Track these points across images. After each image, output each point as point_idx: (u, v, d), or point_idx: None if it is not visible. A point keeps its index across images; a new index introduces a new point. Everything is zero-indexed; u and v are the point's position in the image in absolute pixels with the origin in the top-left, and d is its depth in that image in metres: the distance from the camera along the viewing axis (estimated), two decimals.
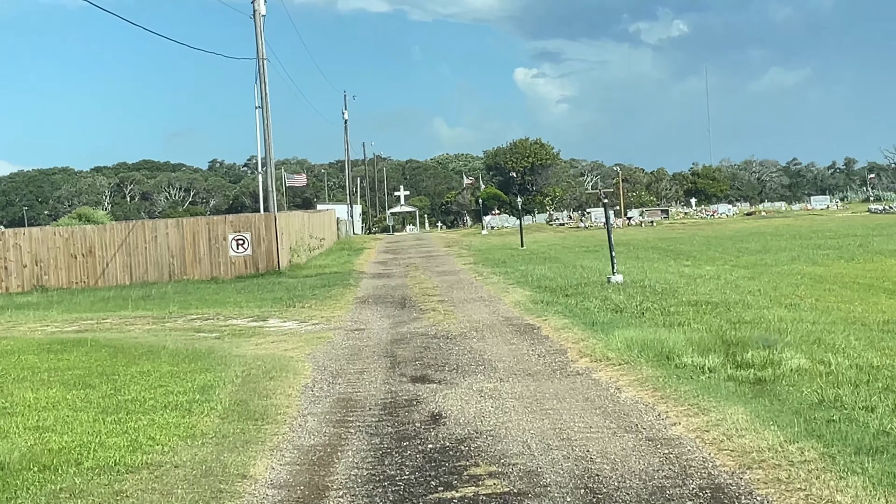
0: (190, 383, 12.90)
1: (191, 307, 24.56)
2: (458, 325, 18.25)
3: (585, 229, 68.73)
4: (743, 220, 71.24)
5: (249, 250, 35.46)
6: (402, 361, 14.33)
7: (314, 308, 22.90)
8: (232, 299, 26.09)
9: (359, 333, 18.01)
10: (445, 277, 30.45)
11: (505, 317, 19.01)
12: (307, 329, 19.19)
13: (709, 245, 40.87)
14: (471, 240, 62.18)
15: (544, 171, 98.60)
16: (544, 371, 12.68)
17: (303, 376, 13.46)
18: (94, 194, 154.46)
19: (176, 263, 35.39)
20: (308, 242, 44.38)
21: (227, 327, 20.14)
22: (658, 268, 28.51)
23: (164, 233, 35.53)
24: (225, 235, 35.49)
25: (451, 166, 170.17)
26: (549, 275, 27.68)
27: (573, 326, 16.35)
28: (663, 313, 17.22)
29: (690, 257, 33.41)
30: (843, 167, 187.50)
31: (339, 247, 57.48)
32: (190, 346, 17.24)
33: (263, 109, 41.10)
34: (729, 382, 10.70)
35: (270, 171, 41.22)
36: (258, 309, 23.29)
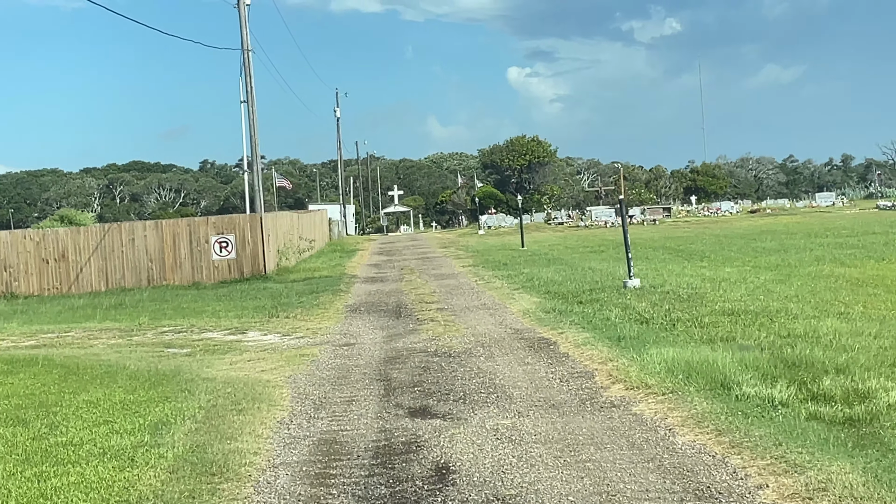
0: (142, 418, 10.65)
1: (164, 317, 22.29)
2: (461, 338, 16.01)
3: (586, 228, 66.53)
4: (748, 217, 69.04)
5: (233, 253, 33.19)
6: (398, 387, 12.08)
7: (300, 318, 20.64)
8: (210, 308, 23.83)
9: (348, 350, 15.77)
10: (444, 282, 28.20)
11: (514, 329, 16.76)
12: (290, 344, 16.93)
13: (721, 244, 38.66)
14: (468, 240, 59.93)
15: (542, 168, 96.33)
16: (571, 402, 10.44)
17: (279, 408, 11.21)
18: (83, 196, 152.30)
19: (155, 268, 33.10)
20: (297, 244, 42.13)
21: (201, 342, 17.88)
22: (674, 270, 26.28)
23: (142, 235, 33.24)
24: (207, 238, 33.20)
25: (446, 165, 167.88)
26: (556, 278, 25.44)
27: (596, 342, 14.11)
28: (698, 325, 14.99)
29: (705, 258, 31.19)
30: (841, 164, 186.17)
31: (330, 248, 55.19)
32: (154, 365, 15.00)
33: (249, 104, 38.84)
34: (813, 423, 8.46)
35: (257, 169, 38.95)
36: (238, 319, 21.03)
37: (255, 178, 38.77)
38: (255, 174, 38.86)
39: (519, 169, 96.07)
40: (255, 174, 38.84)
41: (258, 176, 38.86)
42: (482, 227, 71.37)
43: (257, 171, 38.93)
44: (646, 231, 57.84)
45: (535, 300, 20.92)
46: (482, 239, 60.47)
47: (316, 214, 59.66)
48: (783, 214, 70.46)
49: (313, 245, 47.13)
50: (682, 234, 50.08)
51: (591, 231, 62.61)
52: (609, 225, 66.50)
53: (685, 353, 11.87)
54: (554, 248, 42.81)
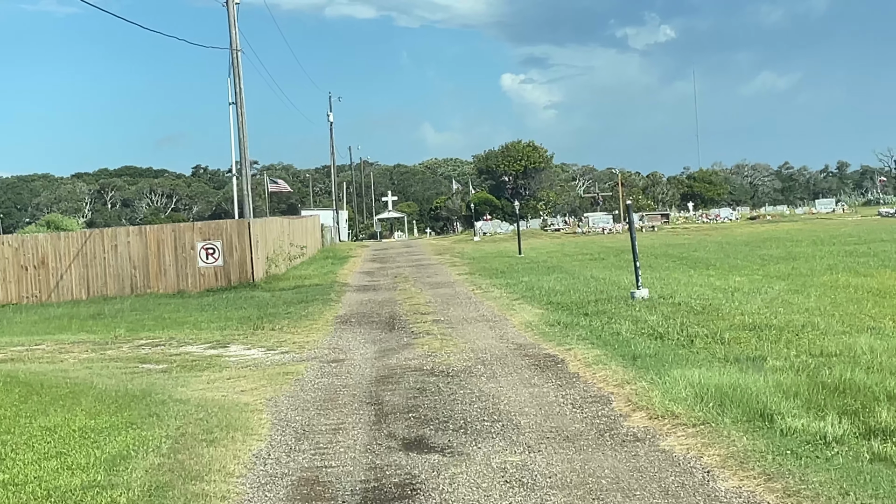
0: (100, 450, 9.37)
1: (143, 329, 20.98)
2: (459, 355, 14.74)
3: (583, 235, 65.30)
4: (748, 224, 67.82)
5: (220, 260, 31.89)
6: (391, 412, 10.81)
7: (286, 330, 19.35)
8: (193, 318, 22.53)
9: (336, 367, 14.48)
10: (439, 291, 26.92)
11: (517, 344, 15.49)
12: (274, 360, 15.64)
13: (725, 252, 37.43)
14: (463, 247, 58.64)
15: (537, 174, 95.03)
16: (587, 433, 9.16)
17: (256, 437, 9.94)
18: (74, 201, 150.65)
19: (138, 275, 31.78)
20: (288, 251, 40.82)
21: (179, 357, 16.58)
22: (680, 279, 25.03)
23: (126, 241, 31.92)
24: (193, 244, 31.89)
25: (440, 171, 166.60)
26: (558, 288, 24.17)
27: (608, 360, 12.83)
28: (719, 341, 13.72)
29: (710, 266, 29.94)
30: (836, 171, 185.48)
31: (322, 255, 53.86)
32: (125, 384, 13.72)
33: (237, 105, 37.56)
34: (880, 466, 7.20)
35: (246, 172, 37.67)
36: (220, 332, 19.72)
37: (244, 183, 37.48)
38: (243, 178, 37.58)
39: (514, 175, 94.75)
40: (244, 178, 37.56)
41: (247, 180, 37.58)
42: (477, 234, 70.12)
43: (246, 174, 37.65)
44: (645, 238, 56.56)
45: (538, 312, 19.65)
46: (478, 246, 59.21)
47: (308, 220, 58.36)
48: (783, 221, 69.27)
49: (304, 252, 45.85)
50: (682, 242, 48.86)
51: (589, 238, 61.36)
52: (607, 231, 65.28)
53: (712, 376, 10.60)
54: (552, 256, 41.55)
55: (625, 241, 55.98)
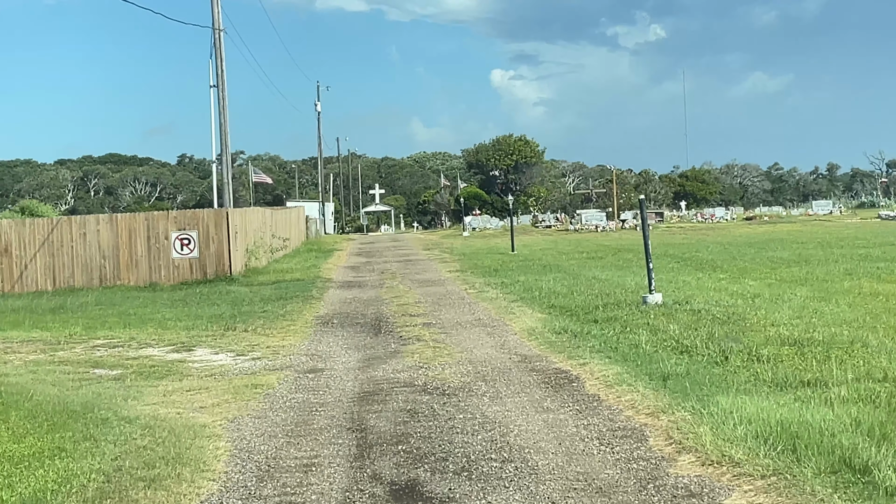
0: (12, 490, 7.46)
1: (103, 327, 19.00)
2: (456, 367, 12.82)
3: (576, 232, 63.44)
4: (746, 225, 66.02)
5: (196, 252, 29.90)
6: (377, 443, 8.89)
7: (261, 332, 17.39)
8: (160, 315, 20.55)
9: (314, 379, 12.55)
10: (429, 289, 24.99)
11: (521, 355, 13.57)
12: (243, 367, 13.70)
13: (729, 253, 35.58)
14: (452, 242, 56.69)
15: (529, 169, 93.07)
16: (625, 483, 7.25)
17: (208, 475, 8.01)
18: (57, 188, 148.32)
19: (108, 266, 29.77)
20: (270, 243, 38.83)
21: (136, 361, 14.64)
22: (689, 282, 23.16)
23: (95, 230, 29.89)
24: (167, 234, 29.89)
25: (429, 165, 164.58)
26: (559, 289, 22.27)
27: (633, 380, 10.92)
28: (755, 359, 11.82)
29: (717, 268, 28.09)
30: (826, 172, 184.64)
31: (306, 248, 51.85)
32: (68, 394, 11.80)
33: (219, 88, 35.57)
34: None
35: (226, 159, 35.67)
36: (188, 332, 17.75)
37: (225, 170, 35.49)
38: (224, 165, 35.58)
39: (505, 169, 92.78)
40: (225, 165, 35.57)
41: (228, 167, 35.59)
42: (467, 229, 68.19)
43: (227, 161, 35.66)
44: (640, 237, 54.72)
45: (540, 316, 17.74)
46: (467, 241, 57.26)
47: (292, 211, 56.34)
48: (781, 222, 67.53)
49: (287, 244, 43.83)
50: (681, 241, 47.00)
51: (583, 235, 59.48)
52: (601, 229, 63.41)
53: (769, 407, 8.70)
54: (546, 253, 39.65)
55: (619, 239, 54.23)
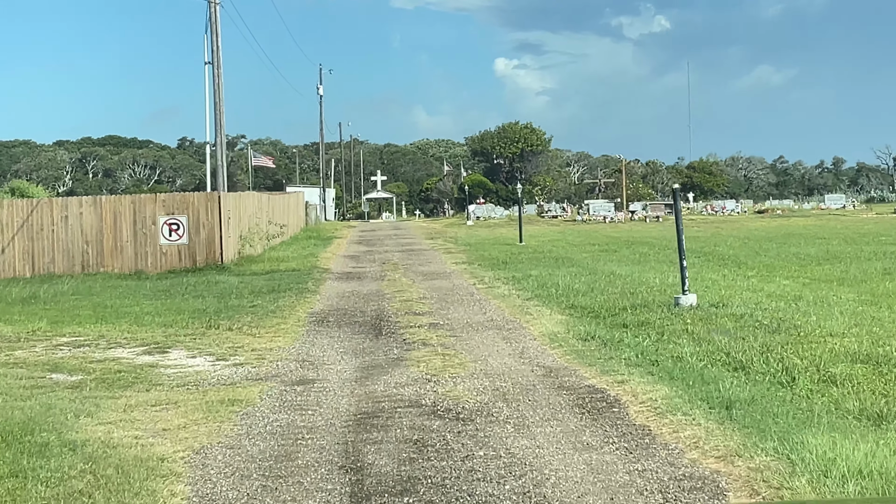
0: None
1: (73, 321, 17.07)
2: (470, 381, 10.92)
3: (583, 223, 61.51)
4: (759, 218, 64.02)
5: (185, 238, 27.98)
6: (376, 492, 7.00)
7: (247, 331, 15.47)
8: (138, 308, 18.64)
9: (303, 393, 10.66)
10: (435, 283, 23.09)
11: (545, 367, 11.66)
12: (222, 376, 11.80)
13: (750, 248, 33.68)
14: (456, 231, 54.75)
15: (535, 157, 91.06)
16: None
17: None
18: (55, 169, 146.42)
19: (91, 252, 27.86)
20: (266, 230, 36.92)
21: (102, 365, 12.74)
22: (718, 281, 21.23)
23: (77, 213, 27.97)
24: (155, 218, 27.97)
25: (432, 152, 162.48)
26: (577, 286, 20.35)
27: (688, 406, 9.00)
28: (828, 380, 9.92)
29: (742, 265, 26.18)
30: (832, 166, 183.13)
31: (305, 235, 49.91)
32: (12, 407, 9.95)
33: (214, 65, 33.63)
34: None
35: (221, 139, 33.74)
36: (166, 329, 15.83)
37: (219, 151, 33.56)
38: (218, 146, 33.65)
39: (510, 157, 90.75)
40: (219, 146, 33.63)
41: (222, 148, 33.67)
42: (471, 218, 66.25)
43: (221, 142, 33.73)
44: (653, 229, 52.85)
45: (560, 318, 15.84)
46: (472, 230, 55.32)
47: (291, 197, 54.40)
48: (794, 216, 65.56)
49: (285, 231, 41.86)
50: (696, 234, 45.00)
51: (591, 226, 57.52)
52: (609, 220, 61.49)
53: (880, 454, 6.80)
54: (556, 245, 37.72)
55: (630, 231, 52.30)
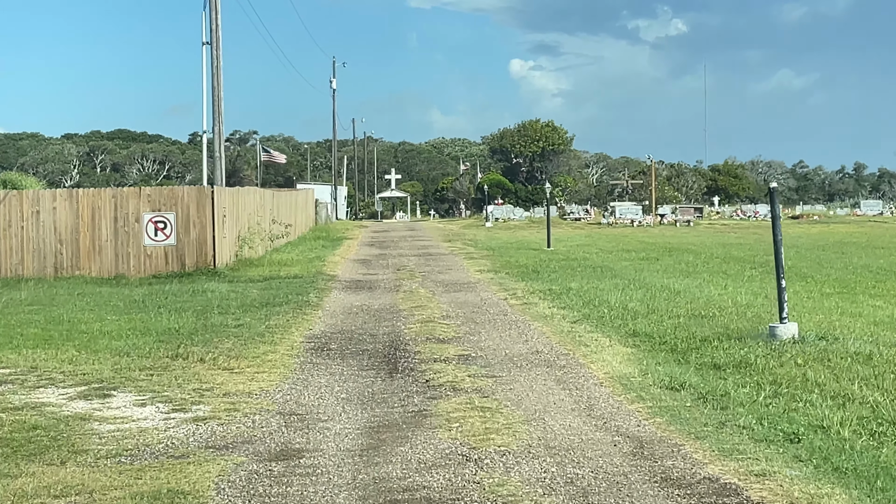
0: None
1: (8, 344, 13.57)
2: (527, 465, 7.44)
3: (609, 226, 57.89)
4: (795, 224, 60.21)
5: (173, 238, 24.55)
6: None
7: (223, 363, 11.97)
8: (98, 326, 15.16)
9: (281, 478, 7.22)
10: (459, 296, 19.61)
11: (633, 438, 8.15)
12: (173, 441, 8.35)
13: (808, 259, 30.12)
14: (474, 233, 51.19)
15: (556, 157, 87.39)
16: None
17: None
18: (62, 163, 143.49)
19: (66, 252, 24.46)
20: (269, 229, 33.48)
21: (16, 416, 9.38)
22: (803, 302, 17.66)
23: (51, 208, 24.57)
24: (138, 215, 24.55)
25: (447, 151, 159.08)
26: (632, 305, 16.85)
27: None
28: None
29: (810, 279, 22.66)
30: (853, 172, 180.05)
31: (314, 235, 46.41)
32: None
33: (212, 46, 30.24)
34: None
35: (219, 129, 30.32)
36: (119, 359, 12.33)
37: (217, 141, 30.14)
38: (216, 135, 30.23)
39: (531, 156, 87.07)
40: (217, 135, 30.21)
41: (220, 138, 30.25)
42: (489, 219, 62.72)
43: (219, 132, 30.31)
44: (687, 234, 49.22)
45: (625, 351, 12.36)
46: (491, 233, 51.78)
47: (299, 194, 50.94)
48: (833, 222, 61.86)
49: (290, 231, 38.26)
50: (737, 241, 41.40)
51: (619, 230, 53.87)
52: (636, 224, 57.89)
53: None
54: (588, 251, 34.16)
55: (662, 236, 48.54)
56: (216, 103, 29.95)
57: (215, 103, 29.98)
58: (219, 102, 29.95)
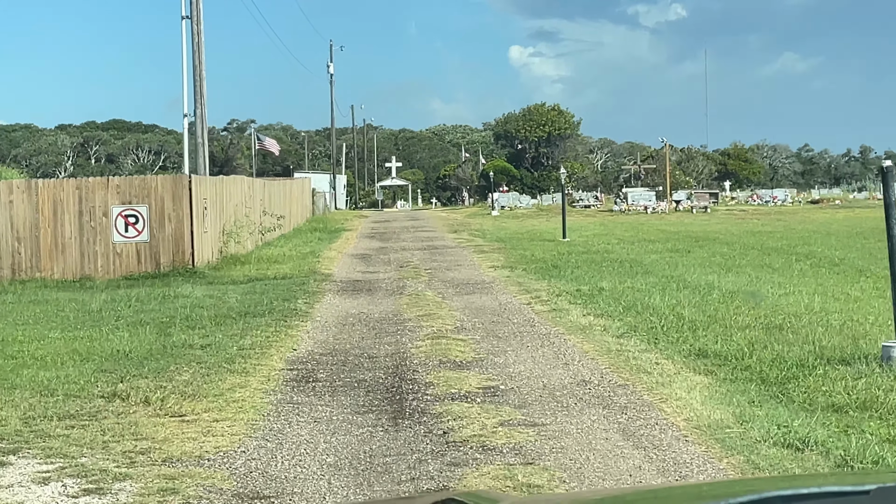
0: None
1: None
2: None
3: (622, 214, 54.96)
4: (817, 209, 57.25)
5: (146, 234, 21.67)
6: None
7: (174, 404, 9.04)
8: (28, 350, 12.18)
9: None
10: (473, 300, 16.73)
11: None
12: None
13: (851, 248, 27.33)
14: (481, 222, 48.22)
15: (562, 142, 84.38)
16: None
17: None
18: (55, 154, 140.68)
19: (25, 252, 21.57)
20: (259, 222, 30.62)
21: None
22: (879, 304, 14.81)
23: (7, 201, 21.66)
24: (107, 209, 21.67)
25: (448, 138, 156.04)
26: (685, 312, 13.96)
27: None
28: None
29: (869, 274, 19.90)
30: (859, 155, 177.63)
31: (310, 227, 43.42)
32: None
33: (193, 21, 27.32)
34: None
35: (200, 112, 27.43)
36: (36, 399, 9.40)
37: (199, 126, 27.25)
38: (198, 118, 27.34)
39: (536, 142, 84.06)
40: (199, 118, 27.32)
41: (202, 122, 27.36)
42: (495, 207, 59.77)
43: (202, 114, 27.41)
44: (707, 222, 46.24)
45: (699, 380, 9.50)
46: (498, 222, 48.81)
47: (294, 183, 47.99)
48: (856, 207, 58.92)
49: (282, 223, 35.24)
50: (763, 229, 38.44)
51: (633, 218, 50.90)
52: (650, 210, 54.94)
53: None
54: (607, 242, 31.24)
55: (682, 223, 45.52)
56: (198, 83, 27.06)
57: (197, 83, 27.09)
58: (201, 82, 27.08)
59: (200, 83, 27.09)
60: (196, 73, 27.13)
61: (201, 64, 27.07)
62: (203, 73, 27.12)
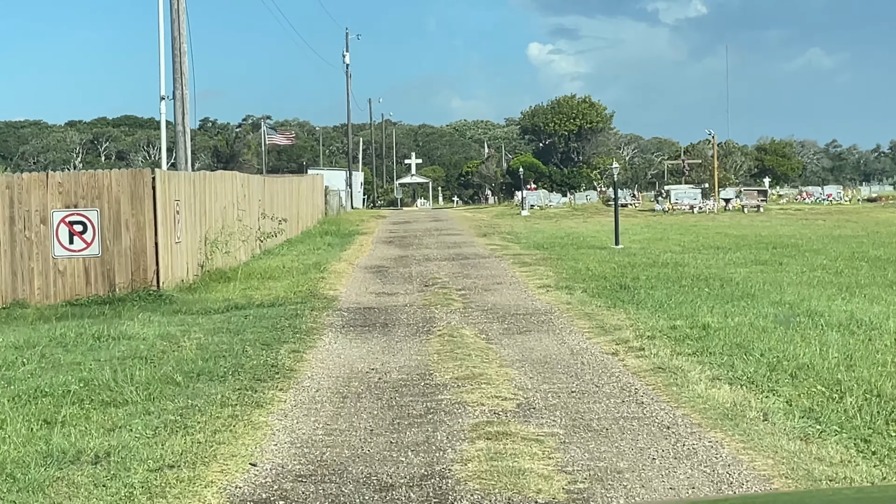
0: None
1: None
2: None
3: (665, 213, 49.90)
4: (879, 208, 51.92)
5: (96, 246, 16.75)
6: None
7: None
8: None
9: None
10: (531, 346, 11.75)
11: None
12: None
13: None
14: (511, 224, 43.13)
15: (594, 136, 79.23)
16: None
17: None
18: (64, 151, 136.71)
19: None
20: (256, 226, 25.70)
21: None
22: None
23: None
24: (46, 214, 16.77)
25: (469, 134, 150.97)
26: (867, 375, 8.96)
27: None
28: None
29: None
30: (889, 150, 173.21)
31: (320, 230, 38.39)
32: None
33: None
34: None
35: (182, 94, 22.52)
36: None
37: (177, 107, 22.35)
38: (177, 100, 22.43)
39: (566, 136, 78.89)
40: (179, 100, 22.42)
41: (184, 103, 22.44)
42: (524, 207, 54.75)
43: (184, 96, 22.51)
44: (767, 223, 41.01)
45: None
46: (530, 223, 43.71)
47: (303, 180, 42.99)
48: None
49: (283, 227, 29.98)
50: (841, 232, 33.22)
51: (679, 218, 45.76)
52: (697, 210, 49.86)
53: None
54: (670, 250, 26.14)
55: (740, 225, 40.12)
56: (178, 58, 22.15)
57: (177, 58, 22.18)
58: (181, 56, 22.18)
59: (181, 57, 22.21)
60: (175, 46, 22.23)
61: (181, 35, 22.17)
62: (184, 46, 22.24)
